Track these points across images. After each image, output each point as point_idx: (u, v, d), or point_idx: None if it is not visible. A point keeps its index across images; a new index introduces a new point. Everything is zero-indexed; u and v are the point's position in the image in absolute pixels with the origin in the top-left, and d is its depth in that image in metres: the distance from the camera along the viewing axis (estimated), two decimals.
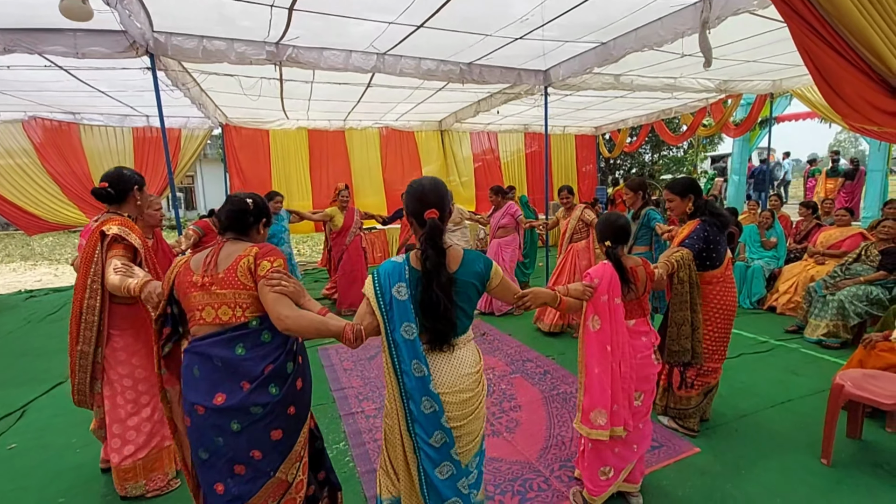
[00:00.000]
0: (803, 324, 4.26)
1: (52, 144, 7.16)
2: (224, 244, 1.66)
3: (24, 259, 11.59)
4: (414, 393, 1.52)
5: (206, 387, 1.54)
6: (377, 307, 1.53)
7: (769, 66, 6.26)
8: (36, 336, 5.10)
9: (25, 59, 4.38)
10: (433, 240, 1.50)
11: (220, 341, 1.54)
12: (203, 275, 1.58)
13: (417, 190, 1.61)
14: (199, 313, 1.58)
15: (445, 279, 1.49)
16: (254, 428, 1.53)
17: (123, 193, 2.24)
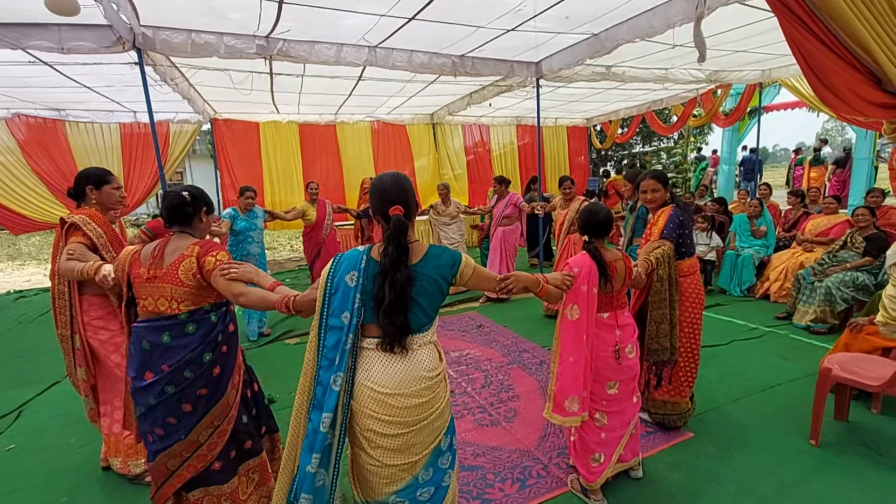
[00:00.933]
0: (792, 310, 4.35)
1: (38, 142, 7.03)
2: (170, 238, 1.87)
3: (11, 259, 11.41)
4: (325, 377, 1.48)
5: (138, 364, 1.81)
6: (322, 286, 1.52)
7: (758, 56, 6.32)
8: (28, 337, 5.05)
9: (8, 55, 4.30)
10: (397, 237, 1.46)
11: (151, 328, 1.80)
12: (149, 268, 1.81)
13: (379, 187, 1.57)
14: (142, 301, 1.84)
15: (404, 277, 1.44)
16: (167, 402, 1.79)
17: (80, 192, 2.36)
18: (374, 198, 1.57)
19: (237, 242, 4.71)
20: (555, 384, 2.10)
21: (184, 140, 8.01)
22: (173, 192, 1.87)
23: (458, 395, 3.27)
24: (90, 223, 2.25)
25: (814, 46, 1.41)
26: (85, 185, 2.34)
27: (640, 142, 16.66)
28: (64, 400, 3.46)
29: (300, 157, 8.78)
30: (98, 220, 2.29)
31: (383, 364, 1.49)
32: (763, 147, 11.11)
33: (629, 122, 11.19)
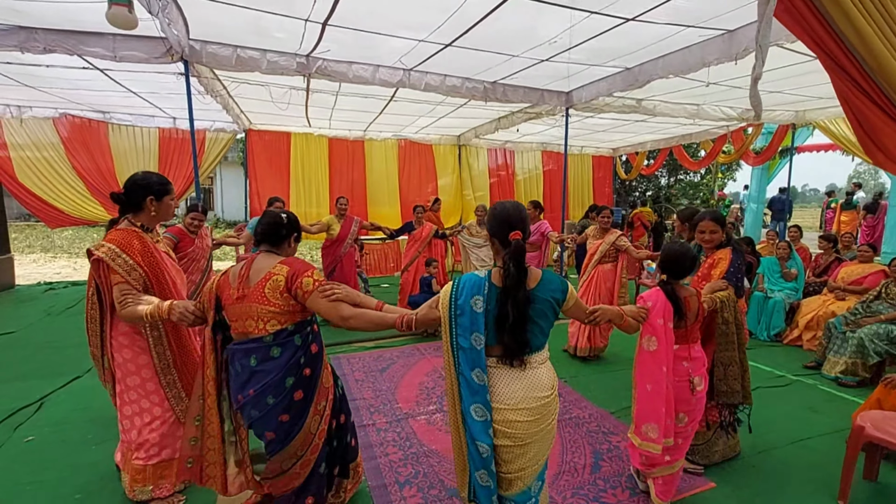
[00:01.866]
0: (822, 360, 4.19)
1: (80, 141, 7.35)
2: (257, 257, 1.88)
3: (44, 251, 11.82)
4: (466, 398, 1.63)
5: (236, 386, 1.85)
6: (447, 309, 1.65)
7: (793, 98, 6.27)
8: (55, 329, 5.19)
9: (63, 59, 4.54)
10: (517, 259, 1.59)
11: (241, 350, 1.81)
12: (238, 288, 1.82)
13: (502, 213, 1.71)
14: (234, 323, 1.85)
15: (523, 296, 1.58)
16: (255, 425, 1.85)
17: (135, 202, 2.09)
18: (495, 222, 1.71)
19: None
20: (634, 408, 2.27)
21: (218, 147, 8.27)
22: (273, 212, 1.94)
23: None
24: (120, 256, 1.99)
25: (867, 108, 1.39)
26: (146, 195, 2.09)
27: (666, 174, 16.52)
28: (85, 395, 3.53)
29: (328, 170, 8.96)
30: (130, 248, 2.01)
31: (506, 382, 1.64)
32: (792, 187, 10.90)
33: (656, 154, 11.14)
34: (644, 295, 2.25)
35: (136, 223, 2.13)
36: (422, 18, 3.76)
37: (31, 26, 3.93)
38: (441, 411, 3.36)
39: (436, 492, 2.46)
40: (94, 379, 3.80)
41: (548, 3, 3.41)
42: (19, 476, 2.52)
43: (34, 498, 2.36)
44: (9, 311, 5.94)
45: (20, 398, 3.42)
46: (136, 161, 7.75)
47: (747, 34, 3.80)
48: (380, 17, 3.78)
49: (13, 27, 3.93)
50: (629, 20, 3.71)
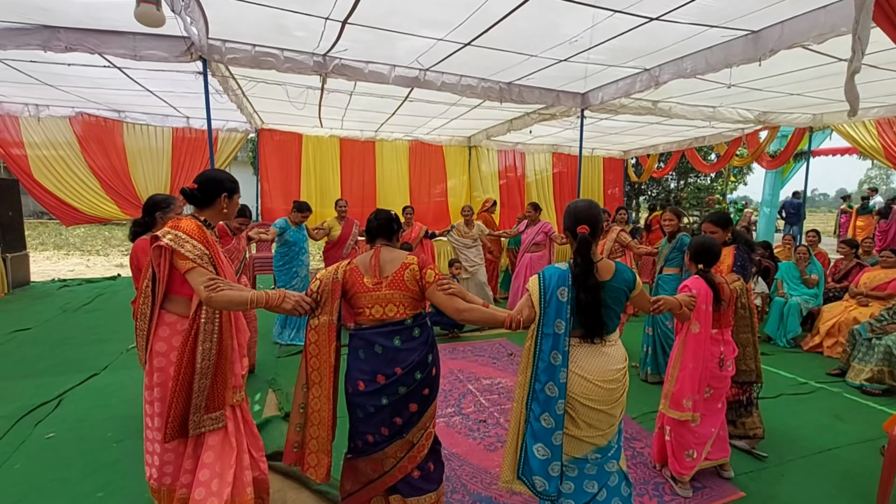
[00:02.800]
0: (845, 367, 4.11)
1: (96, 139, 7.40)
2: (380, 250, 2.02)
3: (57, 248, 11.93)
4: (541, 375, 1.85)
5: (369, 368, 1.91)
6: (538, 302, 1.87)
7: (812, 100, 6.18)
8: (71, 326, 5.22)
9: (84, 58, 4.56)
10: (584, 250, 1.84)
11: (383, 332, 1.92)
12: (373, 277, 1.94)
13: (574, 210, 1.96)
14: (368, 310, 1.94)
15: (593, 283, 1.80)
16: (398, 402, 1.91)
17: (209, 198, 2.02)
18: (568, 217, 1.96)
19: (289, 256, 4.77)
20: (674, 386, 2.49)
21: (230, 147, 8.30)
22: (385, 211, 2.12)
23: (492, 426, 3.18)
24: (189, 241, 1.86)
25: None
26: (221, 191, 2.03)
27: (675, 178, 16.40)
28: (103, 392, 3.53)
29: (339, 170, 8.97)
30: (197, 235, 1.91)
31: (588, 357, 1.87)
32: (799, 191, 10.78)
33: (667, 156, 11.05)
34: (688, 283, 2.49)
35: (201, 217, 2.03)
36: (443, 16, 3.73)
37: (54, 25, 3.95)
38: (459, 414, 3.33)
39: (459, 496, 2.42)
40: (112, 376, 3.83)
41: (572, 2, 3.38)
42: (41, 473, 2.52)
43: (56, 495, 2.35)
44: (25, 308, 5.98)
45: (39, 395, 3.43)
46: (150, 160, 7.79)
47: (772, 35, 3.74)
48: (401, 15, 3.75)
49: (37, 26, 3.95)
50: (653, 20, 3.67)
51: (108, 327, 5.16)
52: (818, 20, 3.45)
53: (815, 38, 3.49)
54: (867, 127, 6.82)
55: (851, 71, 1.52)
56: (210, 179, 2.05)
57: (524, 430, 1.90)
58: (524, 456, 1.88)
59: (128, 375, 3.82)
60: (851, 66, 1.51)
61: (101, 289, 7.27)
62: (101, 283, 7.76)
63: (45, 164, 7.18)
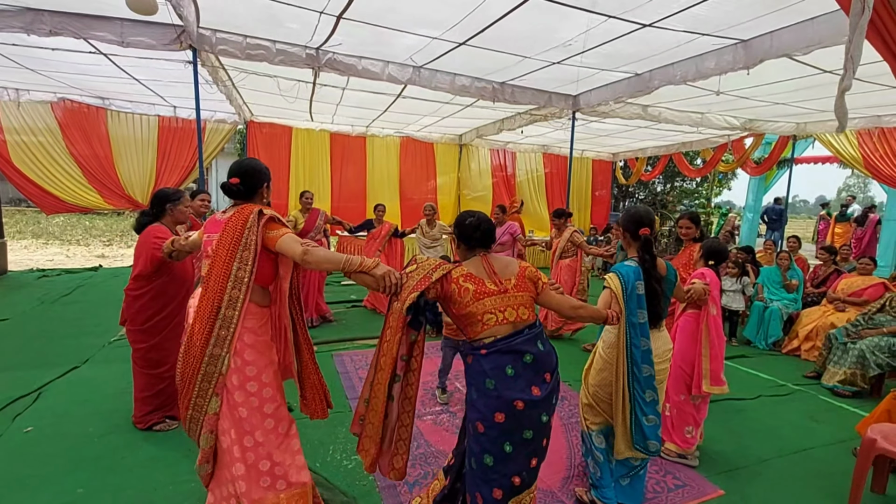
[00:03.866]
0: (821, 370, 4.23)
1: (78, 127, 7.22)
2: (486, 257, 1.88)
3: (35, 237, 11.61)
4: (639, 360, 2.11)
5: (523, 383, 1.72)
6: (621, 297, 2.11)
7: (796, 110, 6.33)
8: (50, 318, 5.09)
9: (68, 43, 4.44)
10: (648, 249, 2.19)
11: (528, 339, 1.77)
12: (495, 282, 1.81)
13: (635, 214, 2.26)
14: (500, 314, 1.77)
15: (658, 276, 2.18)
16: (550, 415, 1.79)
17: (253, 189, 1.95)
18: (630, 221, 2.24)
19: None
20: (709, 364, 2.72)
21: (218, 138, 8.17)
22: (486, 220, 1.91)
23: None
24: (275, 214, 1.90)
25: None
26: (264, 181, 1.98)
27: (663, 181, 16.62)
28: (84, 386, 3.46)
29: (329, 164, 8.91)
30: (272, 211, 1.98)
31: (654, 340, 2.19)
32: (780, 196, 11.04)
33: (655, 160, 11.20)
34: (703, 272, 2.78)
35: None
36: (439, 15, 3.73)
37: (38, 8, 3.83)
38: (447, 412, 3.34)
39: None
40: (94, 370, 3.76)
41: (567, 6, 3.40)
42: (20, 469, 2.46)
43: (36, 492, 2.30)
44: (1, 298, 5.81)
45: (17, 388, 3.34)
46: (135, 149, 7.63)
47: (762, 44, 3.83)
48: (397, 12, 3.75)
49: (20, 8, 3.83)
50: (645, 26, 3.72)
51: (89, 320, 5.05)
52: (805, 32, 3.54)
53: (803, 49, 3.58)
54: (848, 137, 7.00)
55: (842, 88, 1.56)
56: (252, 170, 1.95)
57: (631, 408, 2.13)
58: (636, 427, 2.13)
59: (109, 369, 3.75)
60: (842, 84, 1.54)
61: (82, 280, 7.10)
62: (82, 274, 7.58)
63: (24, 150, 6.97)
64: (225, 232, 1.82)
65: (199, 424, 1.83)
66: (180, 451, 2.66)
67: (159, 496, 2.31)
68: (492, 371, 1.72)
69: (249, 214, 1.81)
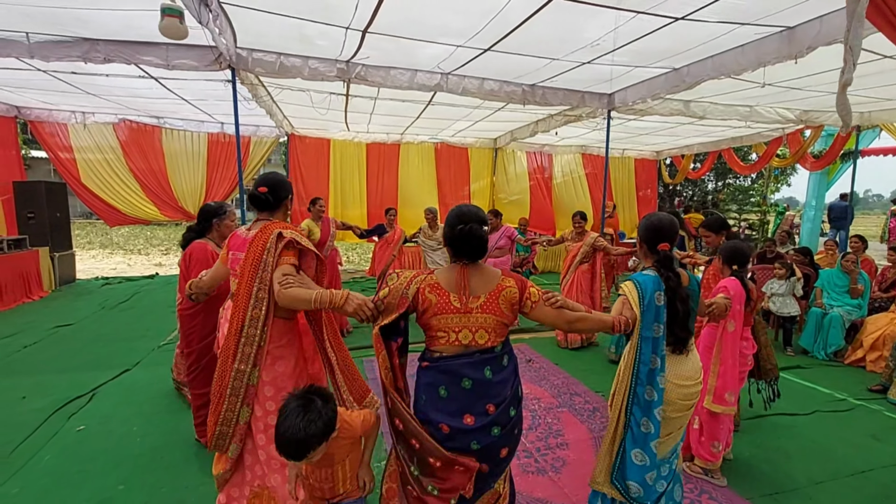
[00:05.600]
0: (888, 383, 3.84)
1: (136, 144, 7.80)
2: (467, 268, 1.68)
3: (102, 247, 12.62)
4: (644, 378, 1.87)
5: (455, 408, 1.62)
6: (637, 305, 1.86)
7: (858, 99, 5.82)
8: (108, 323, 5.50)
9: (122, 69, 4.81)
10: (670, 265, 1.91)
11: (472, 363, 1.63)
12: (459, 299, 1.64)
13: (655, 224, 2.00)
14: (454, 334, 1.64)
15: (685, 294, 1.91)
16: (489, 447, 1.64)
17: (280, 201, 2.02)
18: (649, 232, 2.01)
19: None
20: (717, 381, 2.62)
21: (262, 150, 8.56)
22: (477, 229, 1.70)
23: None
24: (304, 239, 1.92)
25: None
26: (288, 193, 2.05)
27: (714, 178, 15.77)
28: (132, 389, 3.70)
29: (365, 173, 9.11)
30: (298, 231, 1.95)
31: (679, 363, 1.97)
32: (847, 192, 10.15)
33: (703, 157, 10.65)
34: (725, 283, 2.60)
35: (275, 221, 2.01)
36: (461, 24, 3.73)
37: (92, 38, 4.17)
38: None
39: None
40: (142, 373, 4.01)
41: (591, 4, 3.30)
42: (68, 465, 2.66)
43: (80, 485, 2.48)
44: (68, 304, 6.34)
45: (74, 388, 3.63)
46: (187, 164, 8.14)
47: (808, 31, 3.54)
48: (419, 24, 3.77)
49: (78, 39, 4.19)
50: (678, 19, 3.54)
51: (142, 324, 5.42)
52: None
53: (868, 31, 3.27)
54: None
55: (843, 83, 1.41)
56: (278, 182, 2.01)
57: (623, 434, 1.89)
58: (621, 460, 1.88)
59: (155, 372, 3.99)
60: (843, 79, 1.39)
61: (139, 287, 7.64)
62: (140, 281, 8.15)
63: (91, 167, 7.62)
64: (249, 252, 1.88)
65: (227, 439, 1.90)
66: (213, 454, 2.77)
67: (191, 495, 2.42)
68: (426, 387, 1.67)
69: (270, 234, 1.86)
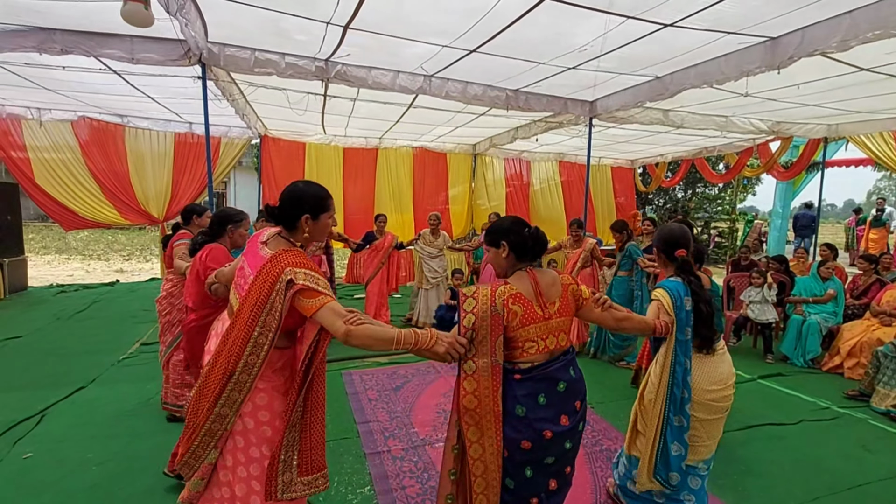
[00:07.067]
0: (868, 390, 3.89)
1: (97, 143, 7.33)
2: (533, 272, 1.74)
3: (59, 252, 11.87)
4: (679, 379, 2.02)
5: (553, 412, 1.65)
6: (672, 310, 2.00)
7: (828, 111, 6.00)
8: (62, 335, 5.07)
9: (81, 62, 4.47)
10: (688, 270, 2.08)
11: (562, 366, 1.70)
12: (541, 306, 1.68)
13: (670, 234, 2.17)
14: (541, 342, 1.67)
15: (708, 296, 2.05)
16: (576, 442, 1.74)
17: (291, 220, 1.70)
18: (665, 242, 2.17)
19: None
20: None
21: (233, 152, 8.21)
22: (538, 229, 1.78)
23: None
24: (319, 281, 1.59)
25: None
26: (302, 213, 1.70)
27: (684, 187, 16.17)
28: (88, 408, 3.38)
29: (341, 178, 8.86)
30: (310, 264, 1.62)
31: (707, 364, 2.08)
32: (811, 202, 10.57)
33: (676, 165, 10.87)
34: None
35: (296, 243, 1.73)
36: (447, 23, 3.61)
37: (49, 27, 3.85)
38: None
39: None
40: (99, 390, 3.68)
41: (582, 7, 3.23)
42: (13, 499, 2.36)
43: None
44: (19, 315, 5.86)
45: (21, 410, 3.28)
46: (152, 165, 7.71)
47: (792, 42, 3.58)
48: (404, 22, 3.63)
49: (32, 28, 3.85)
50: (666, 26, 3.52)
51: (101, 337, 5.03)
52: (841, 26, 3.28)
53: (838, 44, 3.32)
54: (885, 138, 6.62)
55: None
56: (289, 197, 1.71)
57: (663, 430, 2.04)
58: (661, 454, 2.05)
59: (114, 389, 3.68)
60: None
61: (98, 295, 7.15)
62: (99, 289, 7.64)
63: (47, 167, 7.10)
64: (254, 285, 1.58)
65: (192, 470, 1.66)
66: (179, 482, 2.51)
67: None
68: (524, 398, 1.64)
69: (281, 273, 1.54)
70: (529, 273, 1.71)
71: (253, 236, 1.79)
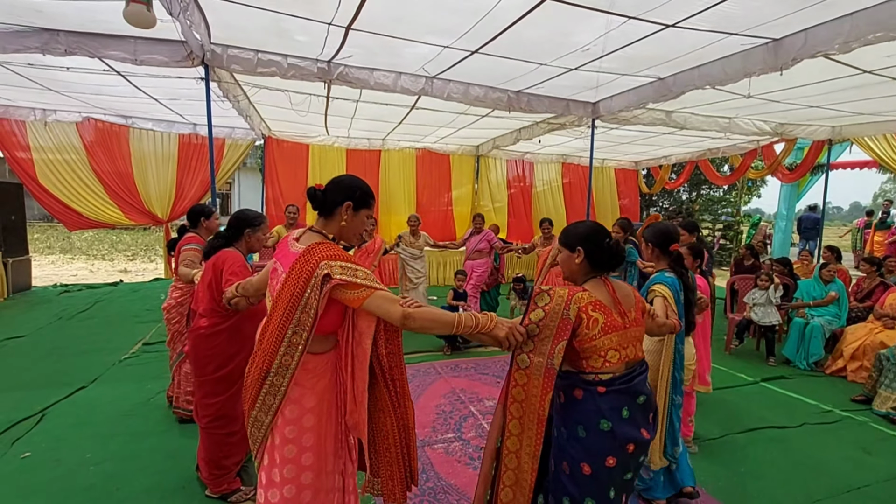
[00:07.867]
0: (871, 394, 3.86)
1: (102, 144, 7.37)
2: (609, 281, 1.70)
3: (63, 252, 11.94)
4: (679, 363, 2.30)
5: (635, 426, 1.60)
6: (674, 304, 2.15)
7: (832, 113, 5.97)
8: (65, 335, 5.10)
9: (85, 63, 4.50)
10: (682, 263, 2.31)
11: (643, 378, 1.67)
12: (620, 315, 1.63)
13: (663, 230, 2.40)
14: (623, 352, 1.60)
15: (694, 286, 2.34)
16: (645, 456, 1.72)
17: (331, 206, 1.66)
18: (657, 237, 2.37)
19: None
20: (697, 366, 2.88)
21: (237, 153, 8.24)
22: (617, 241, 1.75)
23: None
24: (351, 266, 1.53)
25: None
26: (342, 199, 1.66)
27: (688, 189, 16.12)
28: (87, 408, 3.39)
29: None
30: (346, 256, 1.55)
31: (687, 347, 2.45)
32: (816, 204, 10.49)
33: (680, 167, 10.83)
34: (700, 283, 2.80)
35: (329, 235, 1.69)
36: (450, 23, 3.60)
37: (53, 28, 3.87)
38: (460, 440, 3.13)
39: None
40: (99, 390, 3.69)
41: (584, 7, 3.23)
42: (10, 499, 2.36)
43: None
44: (21, 314, 5.89)
45: (21, 409, 3.29)
46: (156, 166, 7.75)
47: (795, 43, 3.56)
48: (406, 22, 3.63)
49: (36, 29, 3.88)
50: (668, 27, 3.51)
51: (103, 336, 5.04)
52: (843, 28, 3.27)
53: (841, 46, 3.30)
54: (889, 140, 6.57)
55: None
56: (337, 183, 1.70)
57: (668, 412, 2.25)
58: (669, 434, 2.26)
59: (115, 389, 3.69)
60: None
61: (101, 295, 7.18)
62: (102, 289, 7.68)
63: (50, 168, 7.15)
64: (288, 281, 1.51)
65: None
66: (176, 483, 2.52)
67: None
68: (609, 412, 1.56)
69: (315, 268, 1.47)
70: (606, 282, 1.68)
71: (283, 238, 1.75)
